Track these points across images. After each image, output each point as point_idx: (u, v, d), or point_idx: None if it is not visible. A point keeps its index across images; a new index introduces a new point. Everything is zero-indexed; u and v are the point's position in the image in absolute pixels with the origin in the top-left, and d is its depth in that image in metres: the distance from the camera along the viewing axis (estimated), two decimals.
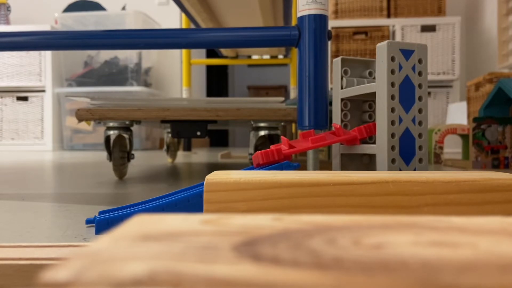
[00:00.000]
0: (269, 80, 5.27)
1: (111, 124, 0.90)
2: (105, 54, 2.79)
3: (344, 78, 0.55)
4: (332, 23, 2.50)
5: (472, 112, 1.54)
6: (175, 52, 3.21)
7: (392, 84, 0.47)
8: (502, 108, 1.15)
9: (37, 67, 2.72)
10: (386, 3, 2.53)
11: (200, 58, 3.15)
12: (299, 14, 0.64)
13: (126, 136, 0.91)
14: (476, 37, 2.77)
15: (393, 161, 0.47)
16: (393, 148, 0.47)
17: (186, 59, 2.19)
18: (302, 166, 0.91)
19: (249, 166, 0.49)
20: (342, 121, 0.55)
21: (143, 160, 1.68)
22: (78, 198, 0.66)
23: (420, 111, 0.48)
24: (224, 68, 5.03)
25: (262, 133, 0.88)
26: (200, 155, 2.15)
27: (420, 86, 0.48)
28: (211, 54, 4.10)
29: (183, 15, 2.27)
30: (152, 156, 1.94)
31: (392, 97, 0.47)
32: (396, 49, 0.47)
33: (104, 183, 0.87)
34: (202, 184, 0.44)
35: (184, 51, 2.20)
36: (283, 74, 5.27)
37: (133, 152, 1.28)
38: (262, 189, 0.30)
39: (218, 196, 0.30)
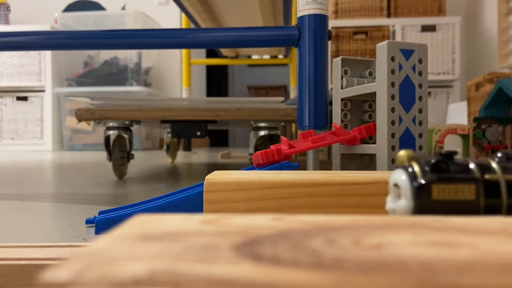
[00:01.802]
0: (269, 80, 5.27)
1: (111, 124, 0.90)
2: (105, 54, 2.79)
3: (344, 78, 0.55)
4: (332, 23, 2.50)
5: (472, 112, 1.54)
6: (175, 52, 3.21)
7: (392, 84, 0.47)
8: (502, 108, 1.15)
9: (37, 67, 2.72)
10: (386, 3, 2.53)
11: (200, 58, 3.15)
12: (299, 14, 0.64)
13: (126, 136, 0.91)
14: (476, 37, 2.77)
15: (393, 161, 0.47)
16: (393, 148, 0.47)
17: (186, 59, 2.19)
18: (302, 166, 0.91)
19: (249, 166, 0.49)
20: (342, 121, 0.55)
21: (143, 160, 1.68)
22: (78, 198, 0.66)
23: (420, 111, 0.48)
24: (224, 68, 5.02)
25: (262, 133, 0.88)
26: (200, 155, 2.15)
27: (420, 86, 0.48)
28: (211, 54, 4.10)
29: (183, 15, 2.26)
30: (152, 156, 1.94)
31: (392, 97, 0.47)
32: (396, 49, 0.47)
33: (104, 183, 0.87)
34: (202, 184, 0.44)
35: (184, 51, 2.20)
36: (283, 74, 5.27)
37: (133, 152, 1.28)
38: (262, 189, 0.30)
39: (218, 196, 0.30)
